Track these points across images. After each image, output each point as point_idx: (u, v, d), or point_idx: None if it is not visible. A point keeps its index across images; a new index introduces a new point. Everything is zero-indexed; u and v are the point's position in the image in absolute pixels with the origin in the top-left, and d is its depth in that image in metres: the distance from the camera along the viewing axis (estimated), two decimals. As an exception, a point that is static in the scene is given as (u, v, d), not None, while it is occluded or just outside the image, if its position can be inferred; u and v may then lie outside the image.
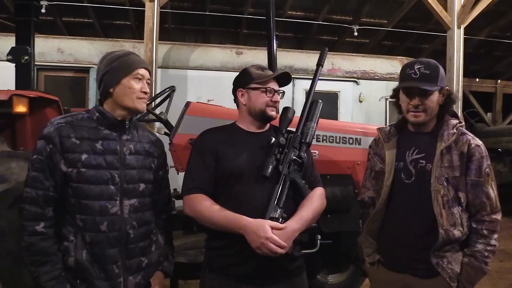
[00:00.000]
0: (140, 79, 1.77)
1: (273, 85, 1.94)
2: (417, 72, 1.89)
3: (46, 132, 1.69)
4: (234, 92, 1.99)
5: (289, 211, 1.82)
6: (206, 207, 1.79)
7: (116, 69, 1.75)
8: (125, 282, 1.74)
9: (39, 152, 1.67)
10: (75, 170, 1.67)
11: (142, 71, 1.78)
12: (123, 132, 1.80)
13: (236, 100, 2.01)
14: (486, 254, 1.83)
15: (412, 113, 1.92)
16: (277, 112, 1.97)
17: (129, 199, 1.75)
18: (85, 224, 1.68)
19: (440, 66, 1.94)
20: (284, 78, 1.99)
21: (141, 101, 1.78)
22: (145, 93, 1.78)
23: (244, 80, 1.95)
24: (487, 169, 1.87)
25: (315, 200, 1.91)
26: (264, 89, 1.91)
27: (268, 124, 2.01)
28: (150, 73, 1.86)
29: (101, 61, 1.80)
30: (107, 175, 1.71)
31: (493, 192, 1.87)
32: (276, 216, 1.75)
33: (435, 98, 1.91)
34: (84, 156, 1.68)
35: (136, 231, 1.76)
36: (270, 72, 1.99)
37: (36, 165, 1.67)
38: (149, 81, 1.83)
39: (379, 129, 2.14)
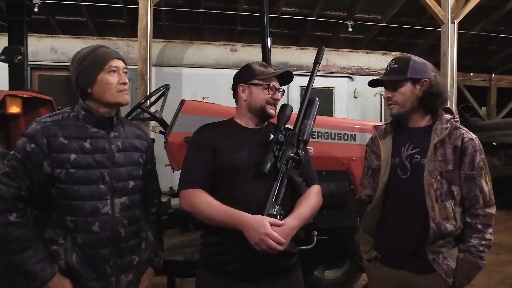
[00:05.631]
0: (115, 71, 1.71)
1: (275, 83, 1.95)
2: (388, 68, 1.99)
3: (30, 131, 1.63)
4: (235, 87, 1.99)
5: (286, 208, 1.82)
6: (204, 202, 1.78)
7: (88, 68, 1.69)
8: (117, 282, 1.72)
9: (18, 150, 1.62)
10: (63, 171, 1.62)
11: (115, 62, 1.72)
12: (110, 129, 1.76)
13: (235, 95, 2.01)
14: (481, 249, 1.84)
15: (389, 106, 2.00)
16: (276, 110, 1.98)
17: (119, 198, 1.73)
18: (76, 225, 1.64)
19: (415, 59, 1.98)
20: (285, 77, 1.99)
21: (122, 94, 1.73)
22: (124, 83, 1.73)
23: (246, 75, 1.95)
24: (481, 163, 1.88)
25: (312, 197, 1.92)
26: (266, 86, 1.91)
27: (266, 121, 2.01)
28: (125, 62, 1.78)
29: (71, 63, 1.74)
30: (97, 174, 1.67)
31: (486, 185, 1.87)
32: (274, 213, 1.75)
33: (405, 90, 1.94)
34: (73, 156, 1.63)
35: (127, 230, 1.75)
36: (272, 70, 1.99)
37: (12, 162, 1.61)
38: (125, 71, 1.76)
39: (375, 127, 2.16)
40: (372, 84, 2.10)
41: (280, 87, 1.98)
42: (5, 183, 1.60)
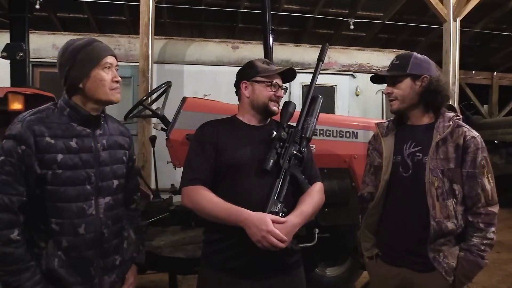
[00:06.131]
0: (109, 68, 1.65)
1: (278, 80, 1.95)
2: (390, 65, 2.01)
3: (16, 132, 1.53)
4: (237, 84, 1.99)
5: (289, 206, 1.82)
6: (206, 199, 1.78)
7: (82, 62, 1.61)
8: (100, 283, 1.67)
9: (9, 154, 1.51)
10: (50, 172, 1.54)
11: (110, 59, 1.66)
12: (96, 127, 1.69)
13: (238, 93, 2.00)
14: (482, 248, 1.83)
15: (390, 102, 2.01)
16: (279, 107, 1.98)
17: (103, 198, 1.67)
18: (62, 228, 1.57)
19: (417, 56, 1.99)
20: (288, 74, 1.99)
21: (115, 92, 1.67)
22: (117, 81, 1.68)
23: (249, 72, 1.95)
24: (483, 161, 1.87)
25: (315, 195, 1.91)
26: (270, 83, 1.91)
27: (269, 118, 2.01)
28: (117, 58, 1.73)
29: (62, 54, 1.65)
30: (84, 174, 1.61)
31: (489, 184, 1.86)
32: (277, 210, 1.75)
33: (404, 86, 1.95)
34: (59, 157, 1.55)
35: (109, 230, 1.69)
36: (275, 67, 1.99)
37: (6, 168, 1.50)
38: (117, 68, 1.71)
39: (377, 124, 2.15)
40: (374, 80, 2.10)
41: (283, 85, 1.98)
42: (6, 192, 1.50)
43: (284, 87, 1.98)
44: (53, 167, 1.55)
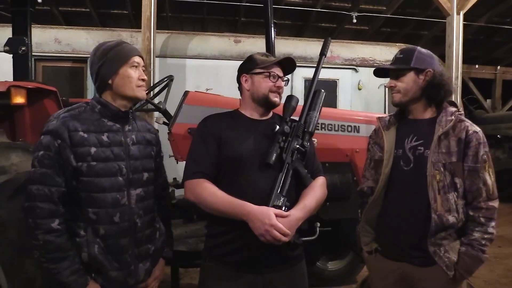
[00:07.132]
0: (136, 66, 1.79)
1: (277, 71, 1.93)
2: (394, 58, 2.02)
3: (53, 127, 1.66)
4: (239, 78, 1.99)
5: (291, 200, 1.82)
6: (209, 192, 1.78)
7: (112, 60, 1.75)
8: (136, 270, 1.79)
9: (47, 148, 1.64)
10: (85, 164, 1.67)
11: (138, 59, 1.80)
12: (125, 123, 1.82)
13: (240, 87, 2.00)
14: (483, 242, 1.83)
15: (392, 95, 2.01)
16: (281, 99, 1.97)
17: (135, 189, 1.78)
18: (98, 217, 1.69)
19: (421, 50, 1.99)
20: (289, 66, 1.99)
21: (141, 89, 1.80)
22: (143, 80, 1.80)
23: (248, 66, 1.95)
24: (484, 156, 1.86)
25: (318, 189, 1.91)
26: (268, 74, 1.91)
27: (271, 112, 2.01)
28: (144, 60, 1.88)
29: (94, 53, 1.79)
30: (116, 167, 1.73)
31: (490, 178, 1.86)
32: (280, 204, 1.75)
33: (408, 79, 1.95)
34: (93, 150, 1.68)
35: (142, 220, 1.80)
36: (274, 58, 1.99)
37: (45, 161, 1.63)
38: (144, 68, 1.84)
39: (378, 118, 2.15)
40: (377, 73, 2.10)
41: (285, 76, 1.97)
42: (46, 184, 1.63)
43: (286, 79, 1.97)
44: (87, 159, 1.68)
